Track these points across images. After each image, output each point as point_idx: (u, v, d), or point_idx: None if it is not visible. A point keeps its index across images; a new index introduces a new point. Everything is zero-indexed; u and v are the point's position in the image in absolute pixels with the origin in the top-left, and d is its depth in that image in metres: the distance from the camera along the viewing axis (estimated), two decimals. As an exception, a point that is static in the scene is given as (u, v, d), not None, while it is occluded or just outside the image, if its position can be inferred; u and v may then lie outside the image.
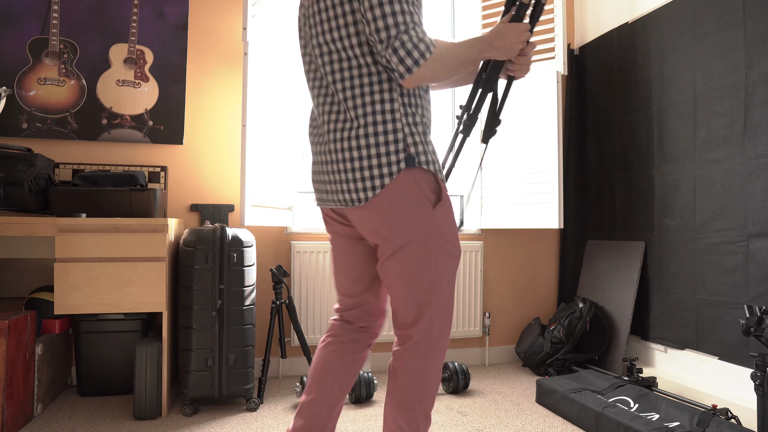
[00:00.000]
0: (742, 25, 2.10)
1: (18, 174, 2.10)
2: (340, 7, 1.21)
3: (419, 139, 1.23)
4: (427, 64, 1.14)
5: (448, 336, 1.40)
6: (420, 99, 1.27)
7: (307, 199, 2.86)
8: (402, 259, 1.27)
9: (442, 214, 1.27)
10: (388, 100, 1.22)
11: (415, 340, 1.35)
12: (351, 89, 1.25)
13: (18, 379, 1.91)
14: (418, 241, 1.25)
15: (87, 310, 2.01)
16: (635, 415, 1.86)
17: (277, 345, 2.65)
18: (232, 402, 2.28)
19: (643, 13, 2.63)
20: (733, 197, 2.14)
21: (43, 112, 2.45)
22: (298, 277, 2.65)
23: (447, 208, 1.29)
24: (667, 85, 2.48)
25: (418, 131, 1.23)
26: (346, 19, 1.22)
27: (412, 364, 1.36)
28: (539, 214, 2.78)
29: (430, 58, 1.15)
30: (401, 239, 1.25)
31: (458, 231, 1.40)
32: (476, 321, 2.90)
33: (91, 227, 2.03)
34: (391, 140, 1.22)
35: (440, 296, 1.32)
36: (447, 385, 2.45)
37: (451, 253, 1.30)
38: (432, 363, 1.37)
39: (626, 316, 2.58)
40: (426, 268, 1.27)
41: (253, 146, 2.25)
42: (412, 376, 1.37)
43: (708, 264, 2.24)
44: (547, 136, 2.76)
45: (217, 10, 2.67)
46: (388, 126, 1.22)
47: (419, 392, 1.36)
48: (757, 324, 1.71)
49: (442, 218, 1.27)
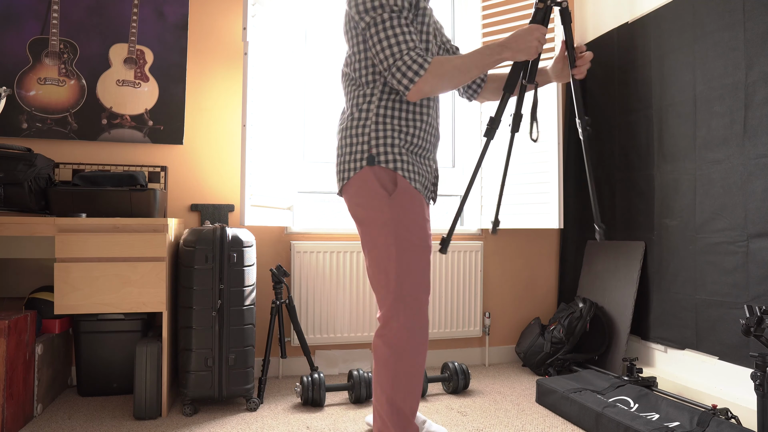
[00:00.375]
0: (742, 25, 2.10)
1: (18, 174, 2.11)
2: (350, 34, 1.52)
3: (382, 142, 1.48)
4: (422, 80, 1.38)
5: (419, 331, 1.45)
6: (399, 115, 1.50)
7: (307, 199, 2.86)
8: (365, 240, 1.51)
9: (400, 203, 1.46)
10: (365, 110, 1.51)
11: (381, 326, 1.48)
12: (349, 100, 1.57)
13: (18, 379, 1.91)
14: (376, 224, 1.47)
15: (87, 310, 2.01)
16: (635, 415, 1.86)
17: (277, 345, 2.65)
18: (232, 402, 2.28)
19: (643, 13, 2.63)
20: (733, 197, 2.14)
21: (43, 112, 2.45)
22: (298, 277, 2.65)
23: (407, 200, 1.46)
24: (667, 85, 2.48)
25: (384, 138, 1.48)
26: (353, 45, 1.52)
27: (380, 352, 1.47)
28: (539, 214, 2.78)
29: (424, 75, 1.38)
30: (363, 220, 1.50)
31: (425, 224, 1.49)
32: (476, 321, 2.90)
33: (91, 227, 2.03)
34: (360, 142, 1.50)
35: (402, 284, 1.45)
36: (447, 385, 2.45)
37: (410, 241, 1.46)
38: (402, 357, 1.45)
39: (626, 316, 2.58)
40: (383, 252, 1.46)
41: (253, 146, 2.25)
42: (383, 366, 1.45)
43: (708, 264, 2.24)
44: (547, 136, 2.76)
45: (217, 10, 2.67)
46: (359, 130, 1.51)
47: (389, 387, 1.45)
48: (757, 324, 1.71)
49: (400, 207, 1.46)
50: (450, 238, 1.52)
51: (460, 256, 2.87)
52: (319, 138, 2.90)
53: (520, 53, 1.40)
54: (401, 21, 1.40)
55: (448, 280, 2.85)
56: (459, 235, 2.94)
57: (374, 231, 1.47)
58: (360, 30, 1.47)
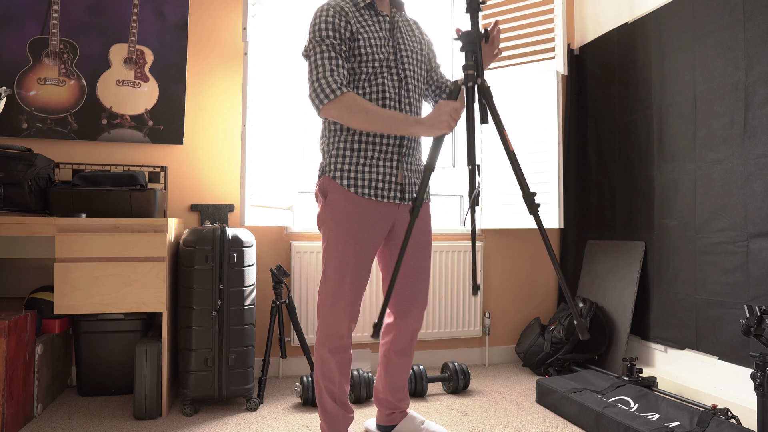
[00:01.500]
0: (742, 25, 2.10)
1: (18, 174, 2.11)
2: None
3: (333, 158, 1.68)
4: (328, 105, 1.55)
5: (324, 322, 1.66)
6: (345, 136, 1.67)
7: (307, 199, 2.86)
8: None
9: (332, 210, 1.65)
10: (325, 130, 1.74)
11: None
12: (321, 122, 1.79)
13: (18, 379, 1.91)
14: (320, 225, 1.71)
15: (87, 310, 2.01)
16: (635, 415, 1.86)
17: (277, 345, 2.65)
18: (232, 402, 2.28)
19: (643, 13, 2.63)
20: (733, 197, 2.14)
21: (43, 112, 2.45)
22: (298, 277, 2.65)
23: (338, 208, 1.64)
24: (667, 85, 2.48)
25: (334, 154, 1.68)
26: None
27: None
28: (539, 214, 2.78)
29: (332, 102, 1.55)
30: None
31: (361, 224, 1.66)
32: (476, 321, 2.90)
33: (91, 227, 2.03)
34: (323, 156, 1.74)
35: (324, 278, 1.68)
36: (447, 385, 2.45)
37: (333, 244, 1.65)
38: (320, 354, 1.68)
39: (626, 316, 2.58)
40: (323, 249, 1.69)
41: (253, 146, 2.25)
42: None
43: (708, 264, 2.24)
44: (547, 136, 2.76)
45: (217, 10, 2.67)
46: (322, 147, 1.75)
47: (321, 379, 1.69)
48: (757, 324, 1.71)
49: (331, 213, 1.65)
50: (381, 322, 1.47)
51: (460, 256, 2.87)
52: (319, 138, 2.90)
53: (431, 129, 1.50)
54: (322, 48, 1.58)
55: (448, 280, 2.85)
56: (459, 235, 2.94)
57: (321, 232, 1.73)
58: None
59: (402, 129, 1.54)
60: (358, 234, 1.64)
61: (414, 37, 1.77)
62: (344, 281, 1.65)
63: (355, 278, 1.65)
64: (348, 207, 1.64)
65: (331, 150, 1.69)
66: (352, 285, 1.65)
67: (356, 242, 1.64)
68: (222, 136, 2.66)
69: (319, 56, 1.58)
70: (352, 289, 1.66)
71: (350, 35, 1.62)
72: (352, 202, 1.65)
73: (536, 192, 2.32)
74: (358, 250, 1.65)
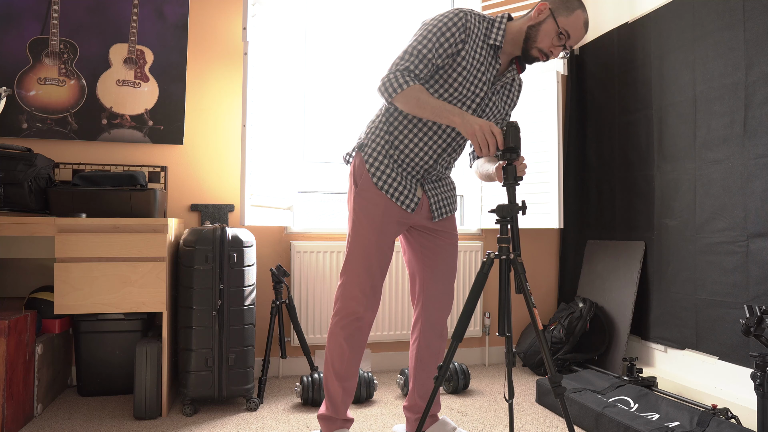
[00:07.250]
0: (742, 25, 2.10)
1: (18, 174, 2.11)
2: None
3: (374, 142, 1.75)
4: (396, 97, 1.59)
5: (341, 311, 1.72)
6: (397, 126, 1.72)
7: (307, 199, 2.86)
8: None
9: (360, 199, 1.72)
10: (378, 116, 1.79)
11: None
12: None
13: (18, 379, 1.91)
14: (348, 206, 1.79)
15: (87, 310, 2.01)
16: (635, 415, 1.86)
17: (277, 345, 2.65)
18: (232, 402, 2.28)
19: (643, 13, 2.63)
20: (733, 197, 2.14)
21: (43, 112, 2.45)
22: (298, 277, 2.65)
23: (367, 197, 1.71)
24: (667, 85, 2.48)
25: (377, 140, 1.74)
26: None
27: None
28: (539, 214, 2.79)
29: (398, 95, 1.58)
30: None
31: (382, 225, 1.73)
32: (476, 321, 2.90)
33: (91, 227, 2.03)
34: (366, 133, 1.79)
35: (345, 268, 1.74)
36: (447, 385, 2.45)
37: (359, 233, 1.72)
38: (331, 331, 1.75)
39: (626, 316, 2.58)
40: (348, 234, 1.77)
41: (253, 146, 2.25)
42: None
43: (708, 264, 2.24)
44: (547, 136, 2.76)
45: (217, 10, 2.67)
46: (371, 125, 1.79)
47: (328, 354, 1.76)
48: (757, 324, 1.71)
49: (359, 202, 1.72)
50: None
51: (460, 256, 2.87)
52: (319, 138, 2.90)
53: (463, 123, 1.54)
54: (424, 42, 1.59)
55: (448, 280, 2.85)
56: (459, 235, 2.94)
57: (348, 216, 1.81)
58: None
59: (444, 116, 1.56)
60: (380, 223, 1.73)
61: (506, 99, 1.78)
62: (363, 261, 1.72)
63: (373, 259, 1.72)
64: (375, 198, 1.72)
65: (377, 131, 1.75)
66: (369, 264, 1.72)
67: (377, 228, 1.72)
68: (222, 136, 2.66)
69: (415, 46, 1.59)
70: (369, 267, 1.72)
71: (454, 52, 1.62)
72: (376, 194, 1.73)
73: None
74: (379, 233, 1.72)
